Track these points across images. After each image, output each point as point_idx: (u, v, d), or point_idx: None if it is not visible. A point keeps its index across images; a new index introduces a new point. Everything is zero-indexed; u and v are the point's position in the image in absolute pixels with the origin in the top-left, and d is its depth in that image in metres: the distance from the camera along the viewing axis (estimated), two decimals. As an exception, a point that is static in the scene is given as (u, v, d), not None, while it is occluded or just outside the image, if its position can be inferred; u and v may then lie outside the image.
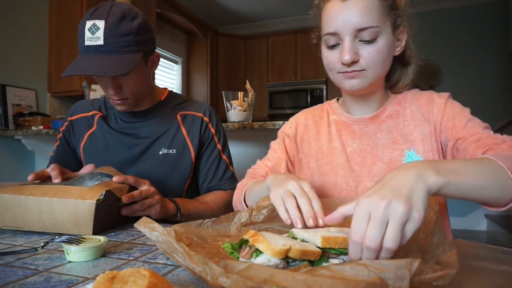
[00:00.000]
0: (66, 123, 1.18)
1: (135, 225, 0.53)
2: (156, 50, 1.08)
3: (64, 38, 2.85)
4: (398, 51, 0.83)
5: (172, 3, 3.87)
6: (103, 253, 0.63)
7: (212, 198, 1.12)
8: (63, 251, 0.61)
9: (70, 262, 0.58)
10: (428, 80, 4.29)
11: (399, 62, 0.88)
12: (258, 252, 0.50)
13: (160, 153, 1.09)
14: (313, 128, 0.97)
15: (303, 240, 0.55)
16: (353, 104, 0.91)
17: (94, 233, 0.74)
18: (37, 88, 2.83)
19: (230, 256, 0.55)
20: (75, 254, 0.58)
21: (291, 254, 0.49)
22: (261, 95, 4.75)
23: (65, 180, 0.89)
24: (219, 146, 1.16)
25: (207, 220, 0.71)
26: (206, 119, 1.14)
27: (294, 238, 0.56)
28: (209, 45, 4.64)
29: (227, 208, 1.11)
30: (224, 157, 1.17)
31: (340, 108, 0.95)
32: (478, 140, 0.73)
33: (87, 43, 0.92)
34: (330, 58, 0.80)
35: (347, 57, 0.75)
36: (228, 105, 1.87)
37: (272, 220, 0.72)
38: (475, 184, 0.54)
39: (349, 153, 0.89)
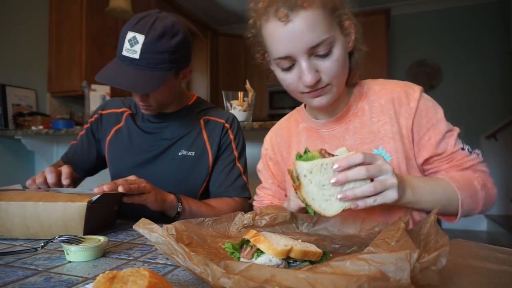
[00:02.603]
0: (96, 116, 1.22)
1: (134, 226, 0.53)
2: (191, 64, 1.10)
3: (64, 38, 2.84)
4: (351, 46, 0.78)
5: (172, 3, 3.87)
6: (103, 253, 0.63)
7: (219, 203, 1.11)
8: (63, 251, 0.61)
9: (70, 262, 0.58)
10: (428, 80, 4.29)
11: None
12: (259, 252, 0.50)
13: (179, 154, 1.11)
14: (284, 144, 0.93)
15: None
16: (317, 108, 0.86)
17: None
18: (37, 88, 2.82)
19: (230, 257, 0.54)
20: (75, 254, 0.58)
21: (292, 255, 0.49)
22: (261, 95, 4.74)
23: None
24: (235, 153, 1.16)
25: (208, 218, 0.71)
26: (227, 125, 1.16)
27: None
28: (209, 45, 4.64)
29: None
30: (238, 164, 1.16)
31: (308, 113, 0.91)
32: (450, 161, 0.80)
33: (124, 53, 0.96)
34: (289, 81, 0.75)
35: (309, 80, 0.70)
36: (228, 105, 1.87)
37: (273, 226, 0.72)
38: (432, 203, 0.72)
39: None
